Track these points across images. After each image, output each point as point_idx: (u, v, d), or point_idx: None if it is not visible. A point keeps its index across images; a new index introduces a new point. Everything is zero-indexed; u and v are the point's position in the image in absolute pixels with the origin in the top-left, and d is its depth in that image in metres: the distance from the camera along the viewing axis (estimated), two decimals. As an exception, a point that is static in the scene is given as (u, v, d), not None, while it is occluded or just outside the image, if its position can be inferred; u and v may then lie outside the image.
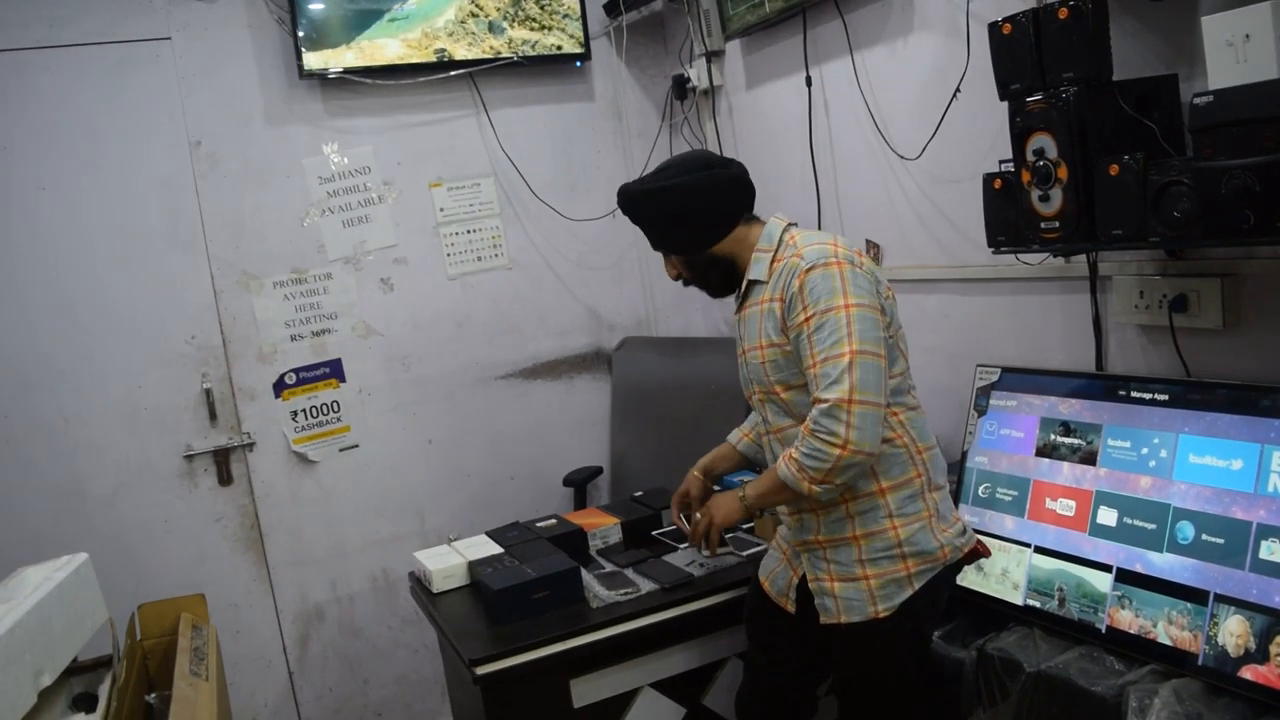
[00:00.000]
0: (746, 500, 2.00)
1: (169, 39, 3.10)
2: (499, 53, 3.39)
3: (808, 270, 1.84)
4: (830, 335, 1.80)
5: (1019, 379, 2.30)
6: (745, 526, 2.59)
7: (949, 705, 2.10)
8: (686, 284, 2.12)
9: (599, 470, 3.66)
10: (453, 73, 3.38)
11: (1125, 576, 1.94)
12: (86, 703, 1.92)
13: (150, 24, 3.08)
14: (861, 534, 1.92)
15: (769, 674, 2.17)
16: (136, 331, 3.11)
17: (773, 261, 1.95)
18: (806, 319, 1.83)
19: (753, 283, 1.99)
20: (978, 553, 2.02)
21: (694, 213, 2.00)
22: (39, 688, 1.75)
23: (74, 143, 3.01)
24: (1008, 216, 2.05)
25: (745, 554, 2.43)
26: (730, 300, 2.11)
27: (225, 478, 3.24)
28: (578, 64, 3.62)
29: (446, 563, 2.48)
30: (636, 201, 2.03)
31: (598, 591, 2.29)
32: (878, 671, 1.97)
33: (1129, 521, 1.96)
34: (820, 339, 1.81)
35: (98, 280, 3.05)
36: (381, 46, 3.24)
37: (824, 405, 1.77)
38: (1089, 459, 2.07)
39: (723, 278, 2.05)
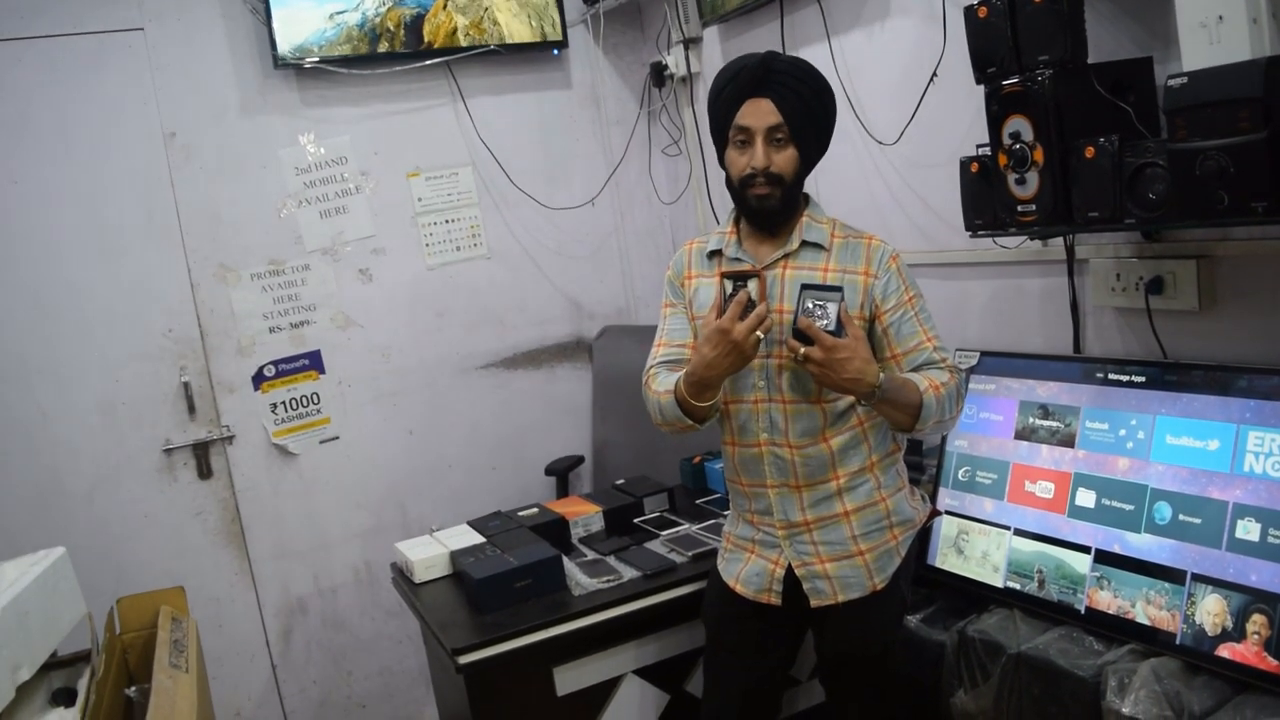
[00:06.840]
0: (881, 390, 1.79)
1: (141, 29, 3.07)
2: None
3: (896, 255, 1.94)
4: (931, 318, 1.95)
5: (997, 362, 2.31)
6: (700, 527, 2.57)
7: (930, 688, 2.12)
8: (760, 187, 1.89)
9: (580, 459, 3.65)
10: (429, 61, 3.35)
11: (1104, 557, 1.95)
12: (66, 697, 1.90)
13: (122, 14, 3.04)
14: (852, 509, 1.94)
15: (743, 675, 2.10)
16: (113, 325, 3.08)
17: (831, 234, 1.96)
18: (910, 298, 1.93)
19: (805, 244, 1.95)
20: (935, 513, 2.22)
21: (831, 125, 1.98)
22: (17, 683, 1.74)
23: (46, 135, 2.97)
24: (985, 200, 2.05)
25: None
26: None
27: (205, 471, 3.22)
28: (555, 52, 3.60)
29: (428, 553, 2.48)
30: (820, 84, 1.92)
31: (580, 579, 2.29)
32: (873, 644, 1.99)
33: (1107, 503, 1.98)
34: (927, 318, 1.94)
35: (73, 274, 3.02)
36: (354, 34, 3.22)
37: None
38: (1067, 441, 2.09)
39: (794, 202, 1.96)
